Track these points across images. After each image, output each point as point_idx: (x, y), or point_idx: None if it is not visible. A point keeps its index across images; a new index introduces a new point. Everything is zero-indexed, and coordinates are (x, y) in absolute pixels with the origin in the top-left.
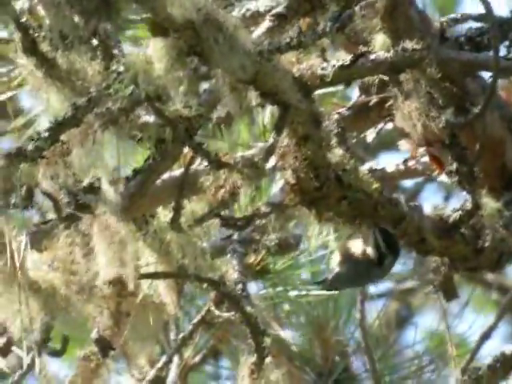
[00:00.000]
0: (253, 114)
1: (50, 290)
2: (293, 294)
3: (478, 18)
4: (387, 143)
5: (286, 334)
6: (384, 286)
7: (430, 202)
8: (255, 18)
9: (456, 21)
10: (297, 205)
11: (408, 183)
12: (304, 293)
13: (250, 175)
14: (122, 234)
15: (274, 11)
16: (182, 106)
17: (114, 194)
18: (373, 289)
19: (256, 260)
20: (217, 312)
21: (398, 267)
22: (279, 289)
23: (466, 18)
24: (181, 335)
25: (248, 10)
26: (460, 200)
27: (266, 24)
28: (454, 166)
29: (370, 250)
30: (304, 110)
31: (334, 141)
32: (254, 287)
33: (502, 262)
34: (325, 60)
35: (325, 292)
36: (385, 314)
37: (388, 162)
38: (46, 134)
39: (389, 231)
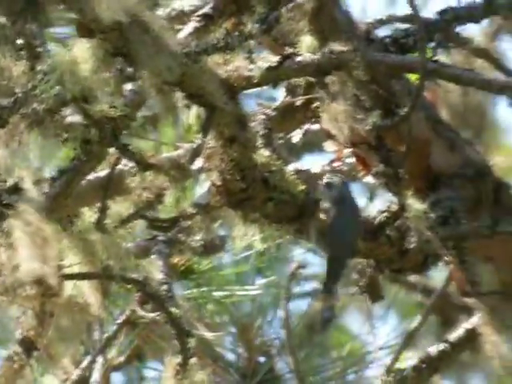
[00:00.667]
0: (177, 113)
1: None
2: (217, 294)
3: (403, 20)
4: (313, 144)
5: (211, 335)
6: (308, 285)
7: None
8: (180, 17)
9: (382, 22)
10: (222, 206)
11: None
12: (228, 293)
13: (176, 177)
14: (46, 234)
15: (200, 12)
16: (108, 106)
17: (37, 194)
18: (297, 289)
19: (181, 260)
20: (141, 312)
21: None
22: (203, 289)
23: (391, 19)
24: (105, 335)
25: (173, 9)
26: (384, 201)
27: (192, 24)
28: (380, 167)
29: None
30: (230, 111)
31: (260, 142)
32: (178, 287)
33: (427, 263)
34: (251, 62)
35: (249, 292)
36: (309, 314)
37: (313, 162)
38: None
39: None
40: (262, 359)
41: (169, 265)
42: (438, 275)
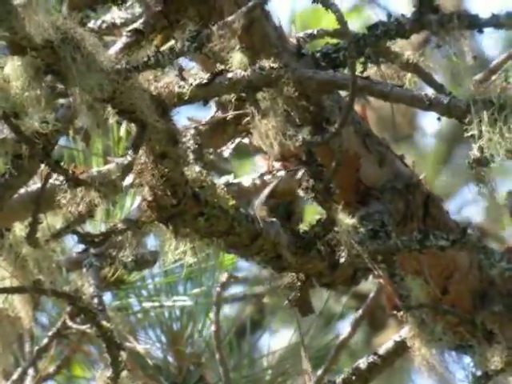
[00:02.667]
0: (107, 126)
1: None
2: (147, 304)
3: (333, 34)
4: (244, 156)
5: (141, 346)
6: (238, 289)
7: None
8: (111, 30)
9: (312, 36)
10: (154, 221)
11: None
12: (158, 304)
13: (106, 193)
14: None
15: (131, 27)
16: (40, 122)
17: None
18: (227, 293)
19: (111, 271)
20: (72, 325)
21: (253, 271)
22: (133, 299)
23: (322, 33)
24: (36, 348)
25: (104, 21)
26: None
27: (123, 40)
28: (310, 182)
29: None
30: (161, 128)
31: (191, 157)
32: (108, 297)
33: (357, 277)
34: (182, 79)
35: (179, 303)
36: (239, 319)
37: (245, 174)
38: None
39: None
40: (192, 368)
41: (100, 278)
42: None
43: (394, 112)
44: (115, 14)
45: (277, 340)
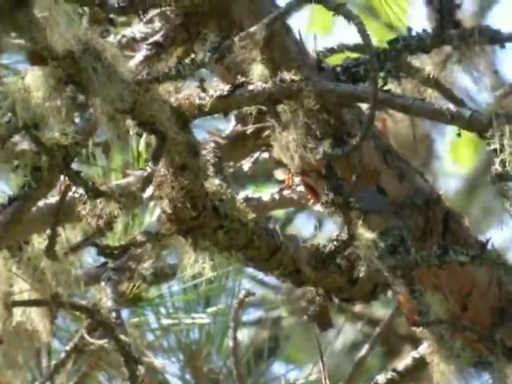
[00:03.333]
0: (128, 140)
1: None
2: (165, 322)
3: (354, 49)
4: (264, 172)
5: (159, 362)
6: (255, 314)
7: (302, 230)
8: (131, 44)
9: (332, 51)
10: (173, 234)
11: (279, 212)
12: (176, 321)
13: (126, 204)
14: None
15: (150, 39)
16: (60, 133)
17: None
18: (245, 317)
19: (129, 287)
20: (90, 339)
21: (270, 296)
22: (151, 316)
23: (342, 48)
24: (53, 362)
25: (124, 36)
26: (332, 229)
27: (143, 53)
28: (330, 196)
29: None
30: (181, 140)
31: (210, 170)
32: (127, 314)
33: (376, 292)
34: (203, 90)
35: (197, 320)
36: (255, 342)
37: (264, 190)
38: None
39: None
40: None
41: (118, 292)
42: (383, 306)
43: (414, 128)
44: (135, 29)
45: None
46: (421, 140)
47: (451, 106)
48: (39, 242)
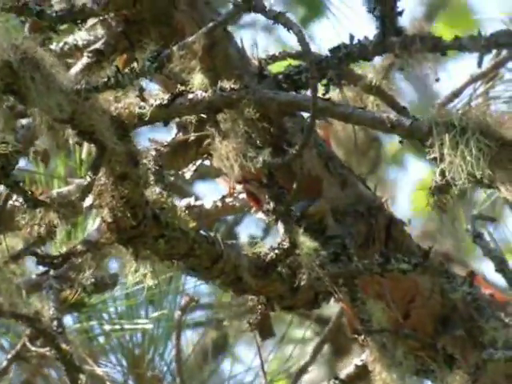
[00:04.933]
0: (69, 148)
1: None
2: (108, 327)
3: (296, 56)
4: (206, 176)
5: (102, 370)
6: (201, 314)
7: (249, 233)
8: (73, 51)
9: (275, 58)
10: (113, 243)
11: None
12: (119, 327)
13: (66, 214)
14: None
15: (91, 47)
16: None
17: None
18: (190, 319)
19: (71, 294)
20: (32, 347)
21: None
22: (94, 322)
23: (284, 55)
24: None
25: (66, 43)
26: (278, 235)
27: (83, 60)
28: (271, 205)
29: None
30: (121, 149)
31: (151, 179)
32: (68, 320)
33: (318, 300)
34: (143, 99)
35: (140, 326)
36: (201, 343)
37: (207, 194)
38: None
39: None
40: None
41: (60, 300)
42: (332, 306)
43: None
44: (77, 36)
45: (239, 366)
46: (369, 144)
47: (392, 115)
48: None
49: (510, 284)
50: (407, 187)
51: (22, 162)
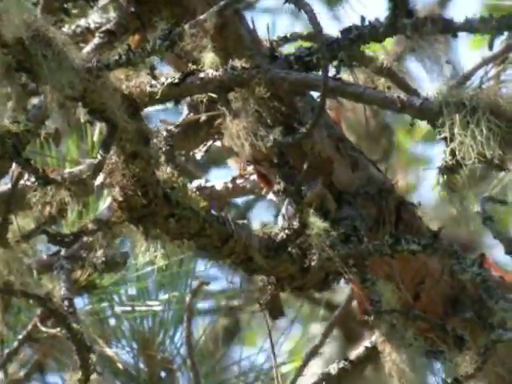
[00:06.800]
0: (82, 131)
1: None
2: (119, 309)
3: (307, 38)
4: (217, 160)
5: (112, 351)
6: (212, 302)
7: (260, 219)
8: (85, 34)
9: (286, 39)
10: (124, 222)
11: (238, 200)
12: (130, 309)
13: (77, 192)
14: None
15: (103, 28)
16: (10, 121)
17: None
18: (200, 305)
19: (82, 275)
20: (43, 328)
21: (226, 284)
22: (105, 304)
23: (295, 36)
24: (6, 351)
25: (78, 26)
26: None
27: (95, 40)
28: (282, 185)
29: None
30: (132, 127)
31: (162, 158)
32: (80, 302)
33: (328, 281)
34: (154, 77)
35: (151, 308)
36: (212, 330)
37: (218, 178)
38: None
39: None
40: (163, 374)
41: (71, 280)
42: (343, 290)
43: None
44: (90, 19)
45: (251, 349)
46: (381, 131)
47: (402, 95)
48: None
49: None
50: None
51: (34, 146)
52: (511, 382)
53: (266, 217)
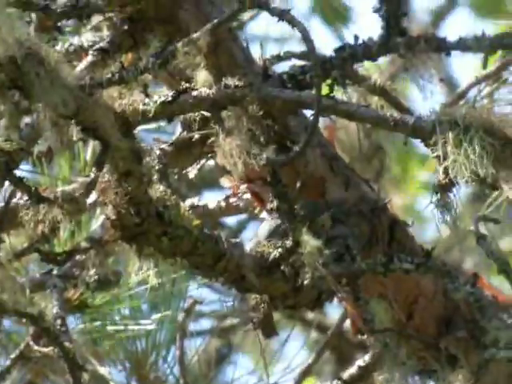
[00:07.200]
0: (74, 149)
1: None
2: (111, 328)
3: (300, 56)
4: (210, 181)
5: (105, 370)
6: (205, 323)
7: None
8: (78, 53)
9: (279, 58)
10: (117, 240)
11: (231, 221)
12: (123, 328)
13: (69, 210)
14: None
15: (96, 46)
16: (3, 139)
17: None
18: (193, 326)
19: (75, 294)
20: (35, 347)
21: (219, 305)
22: (97, 323)
23: (289, 55)
24: None
25: (71, 44)
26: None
27: (88, 59)
28: (275, 203)
29: None
30: (125, 145)
31: (155, 177)
32: (72, 322)
33: (321, 300)
34: (147, 96)
35: (143, 327)
36: (205, 351)
37: (210, 199)
38: None
39: None
40: None
41: (63, 299)
42: (335, 313)
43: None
44: (83, 37)
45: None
46: (374, 152)
47: (395, 113)
48: None
49: None
50: None
51: (27, 166)
52: None
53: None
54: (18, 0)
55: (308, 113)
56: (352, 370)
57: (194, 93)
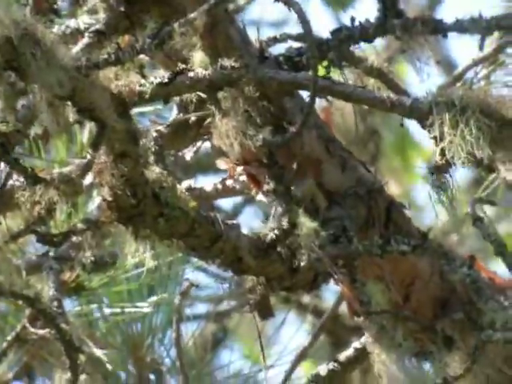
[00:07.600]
0: (71, 132)
1: None
2: (108, 311)
3: (297, 38)
4: (206, 165)
5: (101, 352)
6: (201, 307)
7: (248, 224)
8: (75, 35)
9: (275, 40)
10: (113, 222)
11: (227, 205)
12: (119, 310)
13: (66, 191)
14: None
15: (92, 28)
16: None
17: None
18: (189, 310)
19: (71, 277)
20: (32, 329)
21: (214, 290)
22: (94, 306)
23: (285, 37)
24: None
25: (68, 27)
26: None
27: (84, 40)
28: (271, 185)
29: None
30: (121, 127)
31: (151, 158)
32: (69, 304)
33: (317, 281)
34: (143, 77)
35: (140, 310)
36: (201, 335)
37: (206, 183)
38: None
39: None
40: (152, 377)
41: (60, 281)
42: (330, 297)
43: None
44: (79, 20)
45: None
46: (369, 136)
47: (392, 95)
48: None
49: (510, 268)
50: None
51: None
52: (500, 383)
53: (254, 222)
54: None
55: (304, 94)
56: (348, 352)
57: (191, 74)
